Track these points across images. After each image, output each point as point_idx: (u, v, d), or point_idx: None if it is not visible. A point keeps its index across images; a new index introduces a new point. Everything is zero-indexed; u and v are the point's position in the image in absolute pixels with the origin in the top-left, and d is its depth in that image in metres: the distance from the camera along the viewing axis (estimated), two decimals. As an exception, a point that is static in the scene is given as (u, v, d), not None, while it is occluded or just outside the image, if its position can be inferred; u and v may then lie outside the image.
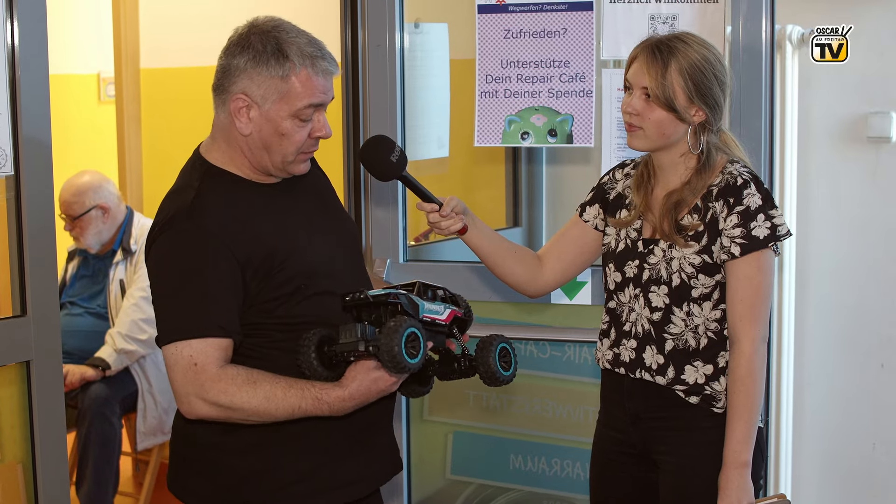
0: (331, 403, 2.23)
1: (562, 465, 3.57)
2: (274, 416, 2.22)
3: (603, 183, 2.73)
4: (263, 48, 2.26)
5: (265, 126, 2.29)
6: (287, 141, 2.30)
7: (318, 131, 2.34)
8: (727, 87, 2.52)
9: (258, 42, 2.27)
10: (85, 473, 4.25)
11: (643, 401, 2.57)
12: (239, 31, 2.32)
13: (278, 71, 2.26)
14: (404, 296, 2.23)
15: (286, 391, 2.21)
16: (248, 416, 2.21)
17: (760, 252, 2.44)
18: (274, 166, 2.34)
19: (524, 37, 3.36)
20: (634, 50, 2.52)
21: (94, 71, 6.63)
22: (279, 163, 2.33)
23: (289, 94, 2.27)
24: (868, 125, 3.72)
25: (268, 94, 2.27)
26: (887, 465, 3.80)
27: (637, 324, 2.56)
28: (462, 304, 2.42)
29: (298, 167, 2.37)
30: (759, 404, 2.46)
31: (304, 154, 2.36)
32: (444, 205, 2.51)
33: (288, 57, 2.26)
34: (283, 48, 2.26)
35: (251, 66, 2.26)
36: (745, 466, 2.44)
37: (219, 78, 2.32)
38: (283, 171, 2.36)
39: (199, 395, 2.18)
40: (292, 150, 2.32)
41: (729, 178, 2.47)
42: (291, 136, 2.30)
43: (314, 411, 2.23)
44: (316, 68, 2.28)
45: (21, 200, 3.03)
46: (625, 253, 2.59)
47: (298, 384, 2.22)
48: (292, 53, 2.26)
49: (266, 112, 2.28)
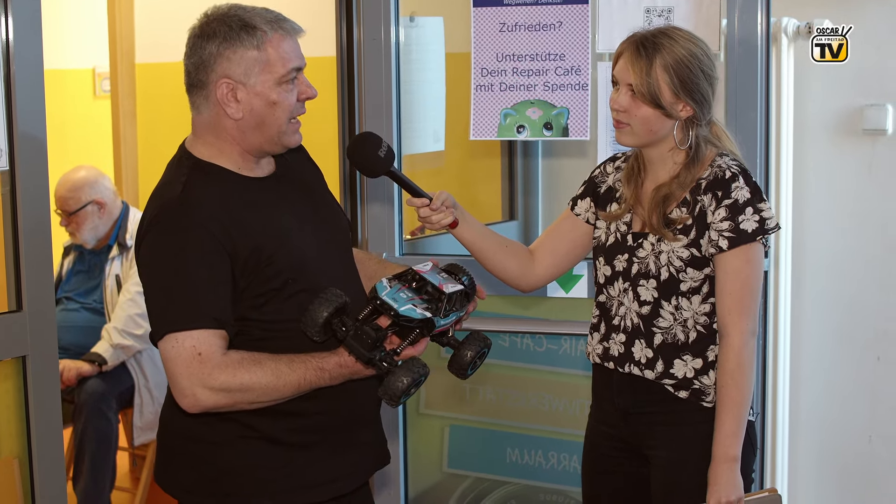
0: (330, 371, 2.23)
1: (558, 458, 3.57)
2: (282, 392, 2.22)
3: (594, 176, 2.73)
4: (230, 28, 2.27)
5: (255, 101, 2.29)
6: (279, 109, 2.31)
7: (306, 92, 2.35)
8: (715, 80, 2.51)
9: (221, 25, 2.28)
10: (82, 468, 4.25)
11: (632, 396, 2.57)
12: (195, 28, 2.33)
13: (252, 42, 2.27)
14: (427, 321, 2.21)
15: (290, 365, 2.21)
16: (257, 396, 2.20)
17: (749, 245, 2.43)
18: (269, 142, 2.34)
19: (519, 30, 3.36)
20: (620, 46, 2.51)
21: (89, 66, 6.63)
22: (275, 135, 2.34)
23: (269, 63, 2.28)
24: (864, 118, 3.72)
25: (250, 69, 2.27)
26: (884, 459, 3.80)
27: (626, 318, 2.56)
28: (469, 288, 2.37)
29: (293, 137, 2.38)
30: (748, 398, 2.45)
31: (296, 122, 2.37)
32: (434, 199, 2.51)
33: (256, 27, 2.28)
34: (248, 21, 2.28)
35: (225, 48, 2.27)
36: (735, 461, 2.43)
37: (192, 75, 2.33)
38: (279, 144, 2.36)
39: (206, 384, 2.17)
40: (285, 117, 2.32)
41: (717, 172, 2.47)
42: (282, 102, 2.31)
43: (317, 381, 2.23)
44: (285, 29, 2.31)
45: (16, 196, 3.03)
46: (614, 246, 2.59)
47: (299, 357, 2.23)
48: (259, 23, 2.28)
49: (252, 87, 2.28)
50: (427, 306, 2.23)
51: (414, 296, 2.24)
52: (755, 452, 2.59)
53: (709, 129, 2.53)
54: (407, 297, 2.22)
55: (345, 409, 2.37)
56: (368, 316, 2.22)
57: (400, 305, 2.19)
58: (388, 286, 2.23)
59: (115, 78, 5.49)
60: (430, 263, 2.34)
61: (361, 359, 2.19)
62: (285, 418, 2.32)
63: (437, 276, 2.29)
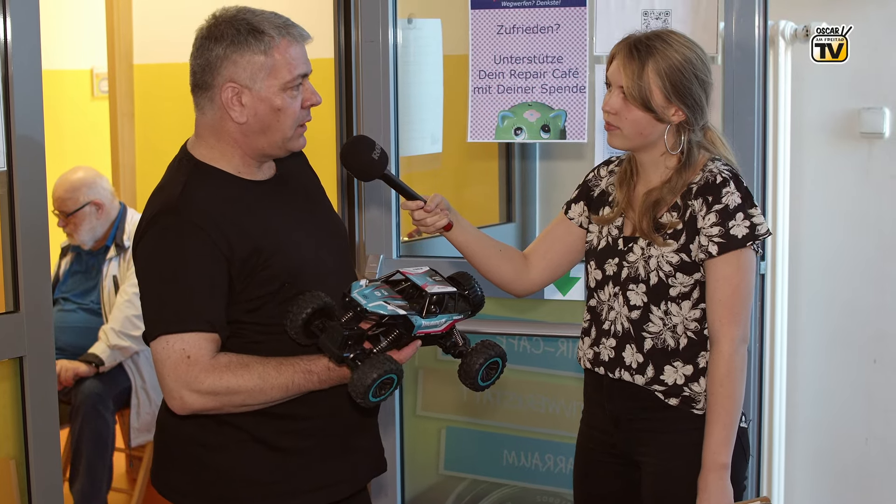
0: (319, 374, 2.23)
1: (555, 460, 3.57)
2: (269, 395, 2.21)
3: (588, 180, 2.71)
4: (238, 31, 2.27)
5: (260, 107, 2.29)
6: (284, 115, 2.31)
7: (310, 99, 2.35)
8: (710, 85, 2.48)
9: (230, 28, 2.28)
10: (78, 469, 4.25)
11: (622, 402, 2.56)
12: (202, 29, 2.32)
13: (259, 47, 2.26)
14: (402, 319, 2.17)
15: (278, 368, 2.21)
16: (244, 399, 2.20)
17: (739, 251, 2.41)
18: (273, 146, 2.34)
19: (517, 32, 3.36)
20: (615, 47, 2.49)
21: (87, 67, 6.62)
22: (279, 141, 2.33)
23: (275, 68, 2.28)
24: (861, 121, 3.72)
25: (255, 74, 2.27)
26: (880, 461, 3.81)
27: (616, 322, 2.54)
28: (471, 295, 2.32)
29: (298, 142, 2.38)
30: (738, 406, 2.42)
31: (301, 127, 2.37)
32: (429, 202, 2.49)
33: (264, 32, 2.27)
34: (257, 25, 2.27)
35: (232, 52, 2.27)
36: (724, 469, 2.41)
37: (197, 76, 2.32)
38: (283, 149, 2.36)
39: (192, 387, 2.17)
40: (290, 123, 2.32)
41: (709, 176, 2.44)
42: (287, 108, 2.30)
43: (306, 384, 2.23)
44: (292, 35, 2.30)
45: (14, 196, 3.03)
46: (606, 250, 2.57)
47: (287, 360, 2.23)
48: (267, 28, 2.28)
49: (258, 93, 2.28)
50: (403, 304, 2.18)
51: (389, 294, 2.20)
52: (747, 460, 2.57)
53: (703, 134, 2.50)
54: (380, 296, 2.19)
55: (341, 415, 2.37)
56: (351, 319, 2.19)
57: (369, 302, 2.16)
58: (363, 285, 2.21)
59: (112, 79, 5.49)
60: (426, 268, 2.31)
61: (333, 357, 2.16)
62: (281, 422, 2.32)
63: (425, 278, 2.25)
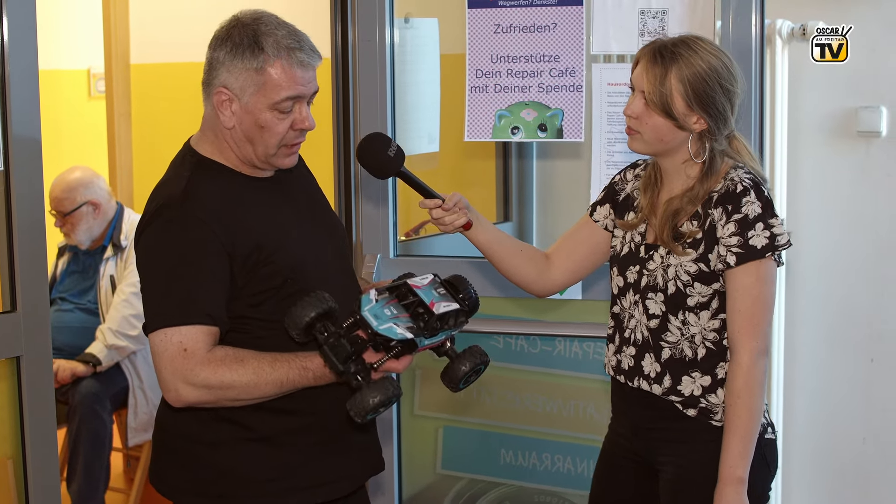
0: (314, 371, 2.22)
1: (552, 459, 3.57)
2: (263, 391, 2.21)
3: (614, 182, 2.67)
4: (241, 40, 2.26)
5: (245, 119, 2.29)
6: (268, 133, 2.29)
7: (301, 123, 2.32)
8: (735, 95, 2.42)
9: (237, 34, 2.27)
10: (76, 469, 4.25)
11: (640, 411, 2.53)
12: (221, 25, 2.32)
13: (253, 62, 2.25)
14: (409, 342, 2.16)
15: (273, 364, 2.21)
16: (238, 393, 2.20)
17: (758, 262, 2.35)
18: (258, 159, 2.34)
19: (514, 31, 3.36)
20: (640, 51, 2.45)
21: (83, 66, 6.62)
22: (262, 155, 2.33)
23: (265, 87, 2.26)
24: (858, 120, 3.73)
25: (245, 87, 2.26)
26: (877, 460, 3.81)
27: (636, 331, 2.51)
28: (469, 304, 2.30)
29: (283, 160, 2.36)
30: (757, 419, 2.36)
31: (288, 147, 2.35)
32: (447, 200, 2.48)
33: (263, 48, 2.25)
34: (260, 40, 2.26)
35: (229, 59, 2.27)
36: (741, 483, 2.35)
37: (206, 72, 2.33)
38: (267, 163, 2.36)
39: (188, 380, 2.17)
40: (274, 142, 2.31)
41: (730, 185, 2.39)
42: (272, 128, 2.29)
43: (301, 381, 2.23)
44: (292, 59, 2.27)
45: (11, 196, 3.03)
46: (628, 257, 2.54)
47: (283, 356, 2.22)
48: (268, 45, 2.26)
49: (245, 105, 2.28)
50: (411, 325, 2.17)
51: (399, 313, 2.18)
52: (772, 472, 2.50)
53: (728, 143, 2.46)
54: (390, 315, 2.17)
55: (339, 412, 2.36)
56: (352, 326, 2.18)
57: (380, 324, 2.14)
58: (374, 300, 2.18)
59: (109, 79, 5.48)
60: (430, 276, 2.28)
61: (334, 370, 2.15)
62: (280, 420, 2.32)
63: (432, 293, 2.23)
